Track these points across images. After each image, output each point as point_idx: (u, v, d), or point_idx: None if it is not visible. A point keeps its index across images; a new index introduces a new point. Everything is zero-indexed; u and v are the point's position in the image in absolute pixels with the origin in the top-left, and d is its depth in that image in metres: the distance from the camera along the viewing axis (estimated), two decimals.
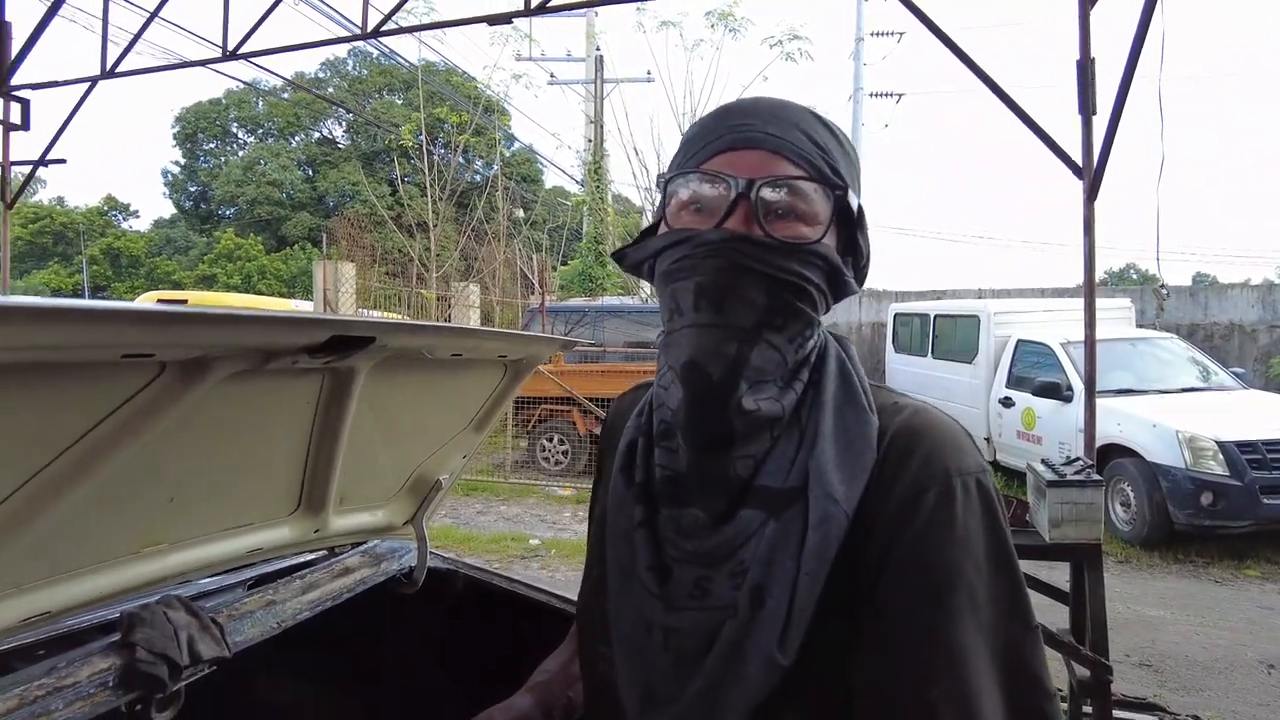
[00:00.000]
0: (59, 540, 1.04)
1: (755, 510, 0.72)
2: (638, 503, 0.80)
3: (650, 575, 0.76)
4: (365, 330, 1.06)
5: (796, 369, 0.76)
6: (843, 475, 0.71)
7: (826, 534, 0.68)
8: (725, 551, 0.72)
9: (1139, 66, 3.74)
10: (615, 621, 0.79)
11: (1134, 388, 7.57)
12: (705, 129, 0.78)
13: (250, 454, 1.27)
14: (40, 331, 0.70)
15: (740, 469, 0.74)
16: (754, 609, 0.68)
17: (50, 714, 1.03)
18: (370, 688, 1.99)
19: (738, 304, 0.72)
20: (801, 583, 0.68)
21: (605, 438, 1.00)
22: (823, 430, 0.74)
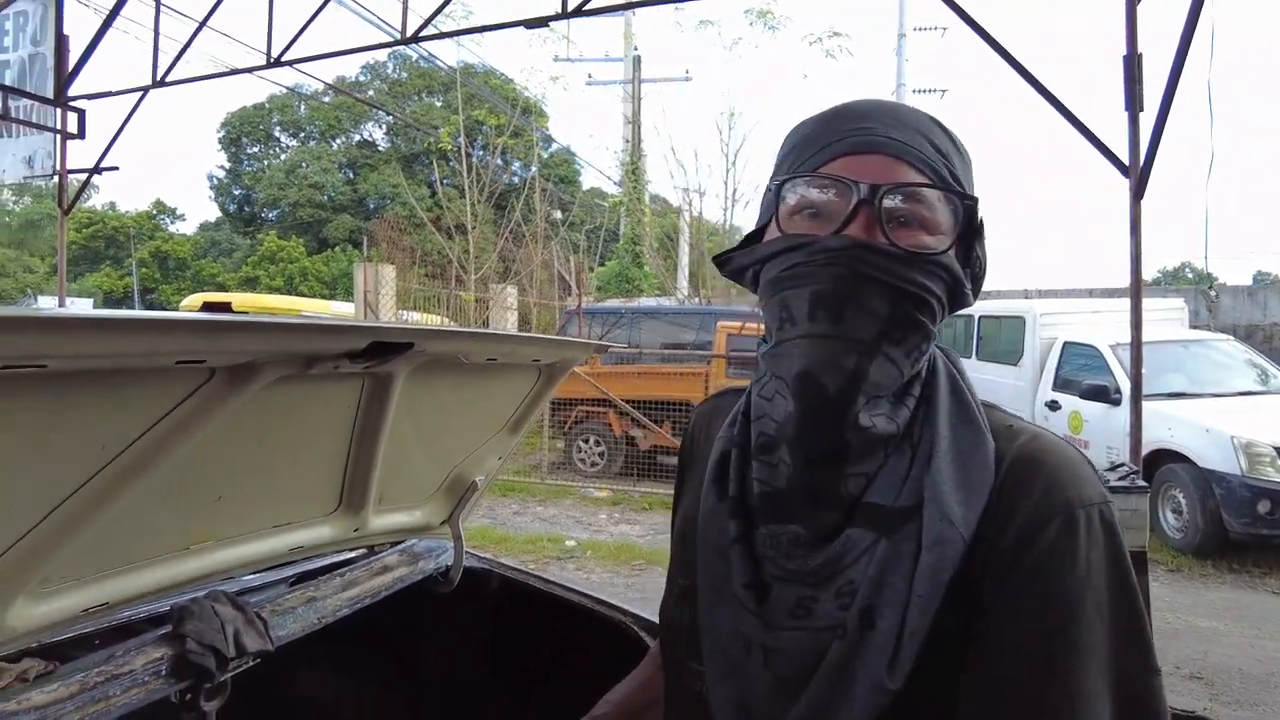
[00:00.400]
0: (116, 536, 1.09)
1: (864, 529, 0.69)
2: (732, 517, 0.77)
3: (747, 593, 0.73)
4: (403, 336, 1.09)
5: (910, 384, 0.73)
6: (960, 497, 0.68)
7: (941, 556, 0.66)
8: (830, 570, 0.70)
9: (1187, 60, 3.65)
10: (707, 636, 0.77)
11: (1186, 391, 7.36)
12: (819, 130, 0.75)
13: (293, 455, 1.32)
14: (104, 340, 0.75)
15: (851, 486, 0.71)
16: (863, 630, 0.66)
17: (108, 699, 1.08)
18: (405, 685, 2.04)
19: (859, 314, 0.69)
20: (914, 605, 0.65)
21: (688, 446, 0.98)
22: (939, 449, 0.71)
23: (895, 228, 0.70)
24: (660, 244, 18.91)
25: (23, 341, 0.67)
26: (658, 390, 9.41)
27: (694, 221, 17.68)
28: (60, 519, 0.96)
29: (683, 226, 18.58)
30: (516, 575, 1.93)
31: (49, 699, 1.03)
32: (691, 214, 17.57)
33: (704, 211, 17.38)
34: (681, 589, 0.84)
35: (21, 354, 0.68)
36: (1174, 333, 8.66)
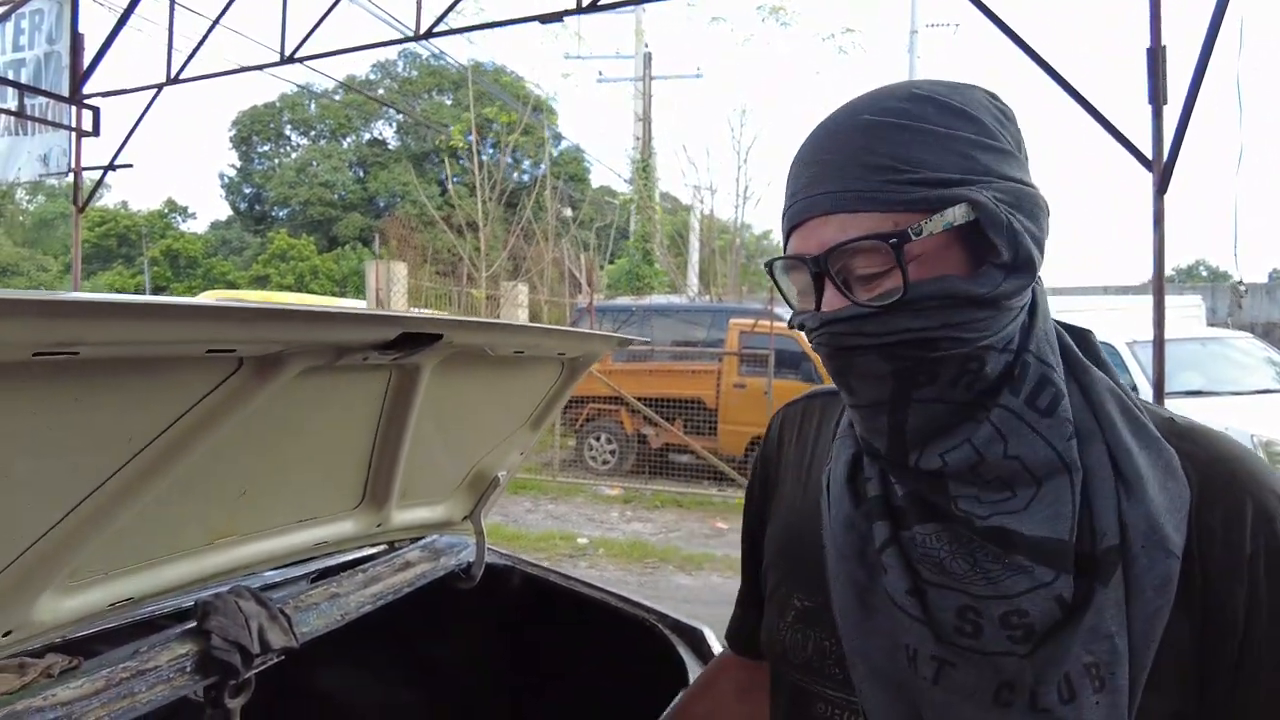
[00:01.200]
0: (142, 530, 1.08)
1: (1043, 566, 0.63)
2: (879, 519, 0.70)
3: (910, 600, 0.67)
4: (433, 327, 1.07)
5: (985, 396, 0.66)
6: (1173, 523, 0.63)
7: (1168, 596, 0.61)
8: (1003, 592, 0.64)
9: (1213, 52, 3.60)
10: (859, 657, 0.70)
11: (1205, 389, 7.30)
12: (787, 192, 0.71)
13: (318, 448, 1.30)
14: (137, 327, 0.73)
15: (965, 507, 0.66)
16: (1097, 690, 0.61)
17: (134, 696, 1.07)
18: (425, 681, 2.03)
19: (864, 384, 0.68)
20: (1138, 649, 0.61)
21: (771, 450, 0.92)
22: (1139, 473, 0.64)
23: (858, 286, 0.66)
24: (671, 241, 18.89)
25: (56, 327, 0.65)
26: (669, 388, 9.40)
27: (705, 219, 17.63)
28: (88, 511, 0.95)
29: (693, 224, 18.54)
30: (538, 571, 1.91)
31: (75, 695, 1.02)
32: (702, 211, 17.53)
33: (715, 209, 17.34)
34: (800, 611, 0.78)
35: (55, 340, 0.67)
36: (1192, 330, 8.59)
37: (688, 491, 8.82)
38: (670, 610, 1.80)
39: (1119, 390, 0.69)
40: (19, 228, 39.21)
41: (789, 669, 0.80)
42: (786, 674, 0.80)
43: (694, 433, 9.21)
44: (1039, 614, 0.62)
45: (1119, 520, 0.63)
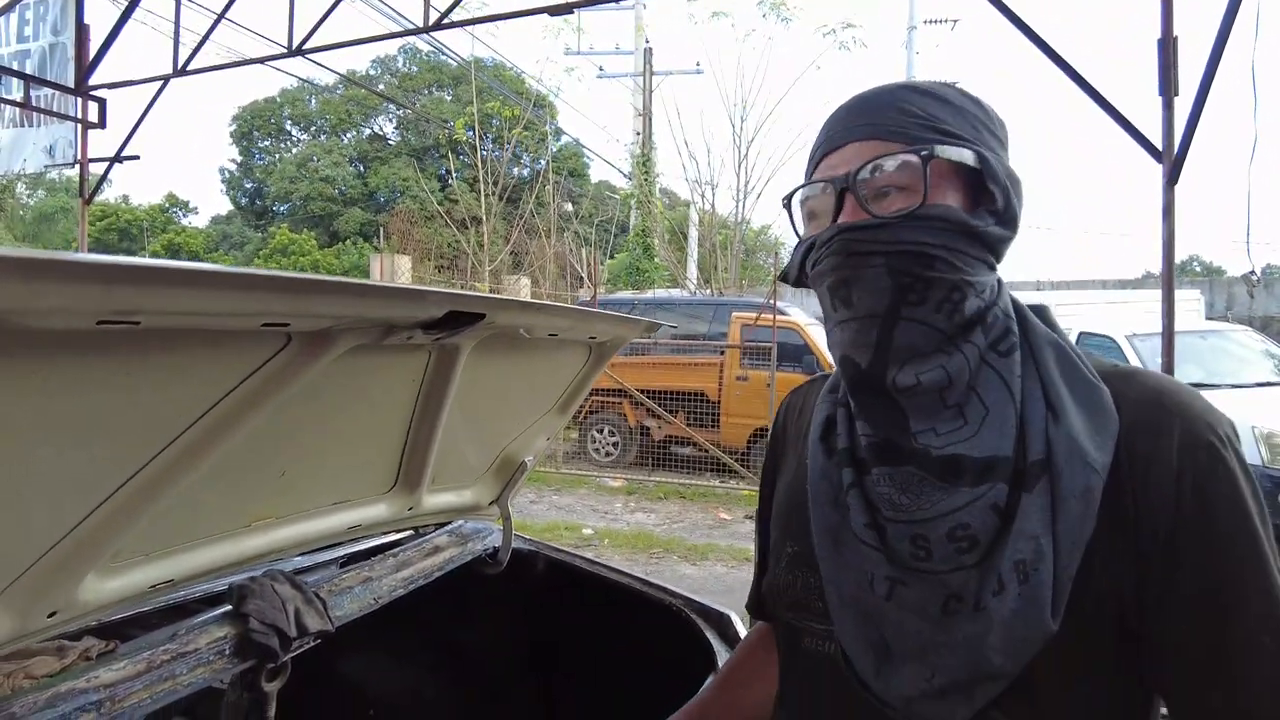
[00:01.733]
0: (183, 511, 1.07)
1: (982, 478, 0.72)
2: (844, 466, 0.81)
3: (870, 533, 0.77)
4: (477, 306, 1.06)
5: (961, 331, 0.75)
6: (1095, 444, 0.71)
7: (1088, 503, 0.70)
8: (942, 510, 0.73)
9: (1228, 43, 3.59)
10: (832, 585, 0.79)
11: (1205, 382, 7.29)
12: (814, 142, 0.82)
13: (357, 429, 1.29)
14: (197, 297, 0.72)
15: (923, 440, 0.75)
16: (1021, 583, 0.69)
17: (175, 678, 1.07)
18: (451, 665, 2.02)
19: (864, 293, 0.75)
20: (1063, 553, 0.69)
21: (779, 431, 1.03)
22: (1063, 400, 0.74)
23: (878, 201, 0.75)
24: (671, 236, 18.85)
25: (119, 294, 0.64)
26: (671, 381, 9.41)
27: (705, 214, 17.60)
28: (133, 491, 0.93)
29: (693, 218, 18.51)
30: (562, 556, 1.91)
31: (118, 676, 1.01)
32: (702, 206, 17.51)
33: (715, 204, 17.30)
34: (791, 555, 0.87)
35: (117, 308, 0.65)
36: (1191, 323, 8.59)
37: (690, 483, 8.83)
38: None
39: (1060, 342, 0.79)
40: (19, 222, 39.11)
41: (783, 610, 0.89)
42: (782, 615, 0.90)
43: (696, 425, 9.23)
44: (979, 524, 0.71)
45: (1046, 439, 0.72)
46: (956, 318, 0.75)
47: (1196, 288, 12.31)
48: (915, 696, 0.73)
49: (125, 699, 0.99)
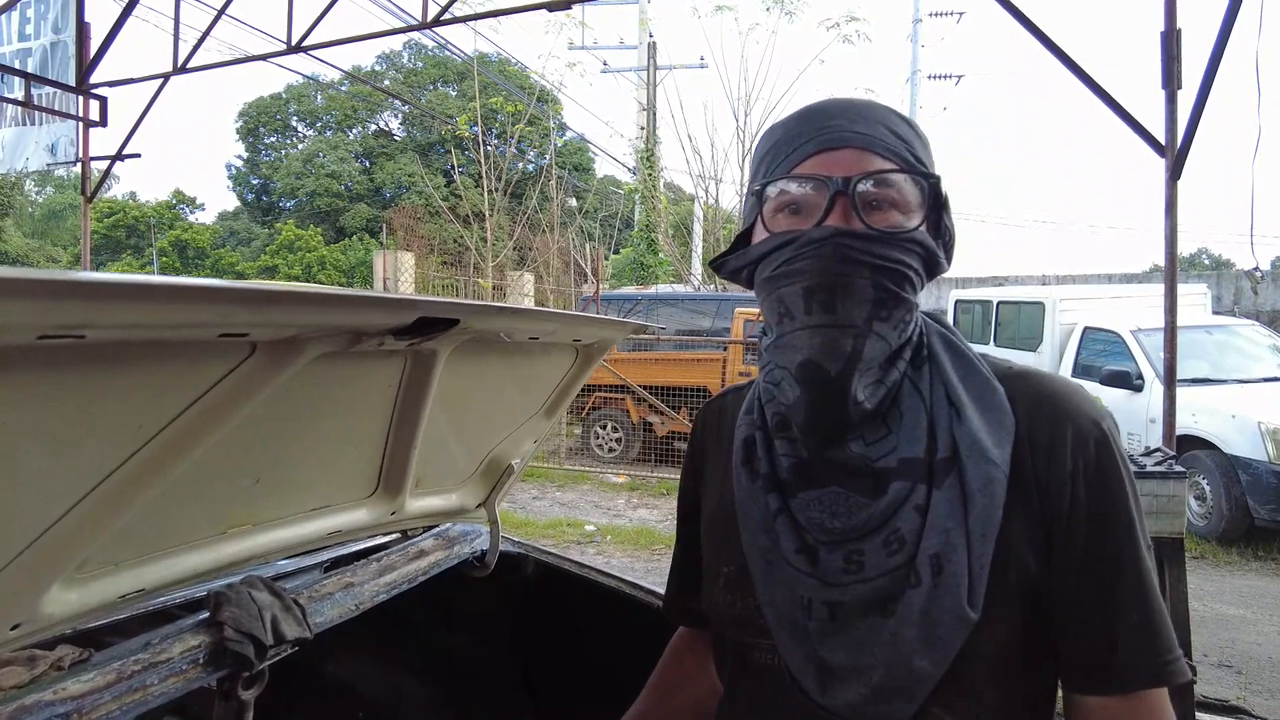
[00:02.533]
0: (153, 520, 1.05)
1: (904, 482, 0.77)
2: (769, 492, 0.83)
3: (800, 557, 0.79)
4: (449, 311, 1.05)
5: (899, 350, 0.80)
6: (994, 439, 0.77)
7: (993, 495, 0.75)
8: (875, 523, 0.77)
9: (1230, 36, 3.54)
10: (770, 608, 0.81)
11: (1211, 377, 7.25)
12: (790, 133, 0.82)
13: (332, 436, 1.28)
14: (147, 309, 0.70)
15: (861, 449, 0.79)
16: (935, 575, 0.73)
17: (146, 688, 1.05)
18: (438, 669, 2.01)
19: (849, 301, 0.76)
20: (976, 543, 0.73)
21: (698, 443, 1.04)
22: (962, 401, 0.79)
23: (869, 212, 0.77)
24: (675, 231, 18.82)
25: (62, 309, 0.63)
26: (674, 377, 9.40)
27: (709, 209, 17.56)
28: (97, 502, 0.92)
29: (697, 213, 18.47)
30: (551, 559, 1.90)
31: (85, 688, 1.00)
32: (706, 201, 17.46)
33: (719, 198, 17.26)
34: (728, 575, 0.89)
35: (60, 323, 0.64)
36: (1197, 318, 8.53)
37: None
38: None
39: (958, 345, 0.85)
40: (28, 219, 39.31)
41: (726, 627, 0.91)
42: (725, 632, 0.91)
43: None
44: (907, 526, 0.75)
45: (951, 438, 0.77)
46: (901, 337, 0.80)
47: (1204, 281, 12.23)
48: (859, 703, 0.76)
49: (93, 711, 0.98)
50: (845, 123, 0.79)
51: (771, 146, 0.84)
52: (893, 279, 0.77)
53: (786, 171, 0.80)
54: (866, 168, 0.77)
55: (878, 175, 0.77)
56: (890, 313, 0.78)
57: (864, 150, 0.78)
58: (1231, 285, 14.28)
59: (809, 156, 0.79)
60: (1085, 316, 8.57)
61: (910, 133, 0.82)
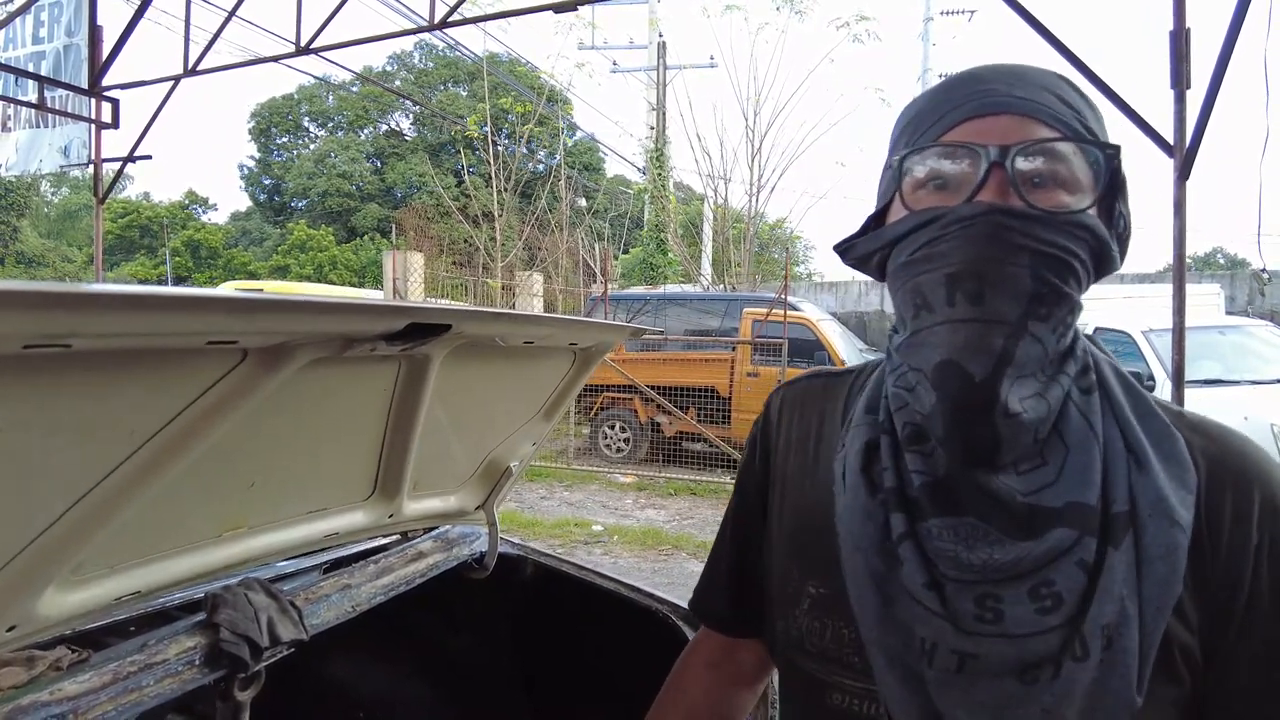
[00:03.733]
0: (147, 524, 1.07)
1: (1068, 529, 0.64)
2: (894, 510, 0.70)
3: (929, 594, 0.66)
4: (441, 317, 1.06)
5: (1060, 360, 0.68)
6: (1179, 498, 0.65)
7: (1175, 565, 0.63)
8: (1025, 568, 0.64)
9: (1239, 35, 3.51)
10: (879, 647, 0.69)
11: (1223, 378, 7.19)
12: (937, 100, 0.71)
13: (328, 440, 1.29)
14: (131, 319, 0.71)
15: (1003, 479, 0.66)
16: (1105, 650, 0.62)
17: (141, 689, 1.07)
18: (438, 671, 2.02)
19: (1001, 292, 0.64)
20: (1149, 618, 0.62)
21: (769, 431, 0.90)
22: (1144, 447, 0.67)
23: (1031, 189, 0.65)
24: (685, 231, 18.82)
25: (46, 319, 0.64)
26: (683, 377, 9.40)
27: (719, 208, 17.55)
28: (90, 506, 0.94)
29: (707, 213, 18.46)
30: (550, 561, 1.90)
31: (82, 689, 1.01)
32: (716, 201, 17.45)
33: (729, 198, 17.24)
34: (816, 598, 0.77)
35: (44, 333, 0.65)
36: (1210, 318, 8.47)
37: (701, 479, 8.82)
38: (683, 598, 1.78)
39: (1130, 380, 0.72)
40: (44, 220, 39.67)
41: (804, 658, 0.78)
42: (801, 663, 0.78)
43: (707, 421, 9.22)
44: (1066, 583, 0.63)
45: (1129, 489, 0.65)
46: (1062, 342, 0.68)
47: (1217, 281, 12.12)
48: None
49: (89, 711, 1.00)
50: (1003, 87, 0.68)
51: (914, 116, 0.73)
52: (1056, 269, 0.65)
53: (932, 140, 0.69)
54: (1028, 136, 0.65)
55: (1041, 145, 0.65)
56: (1050, 310, 0.65)
57: (1026, 117, 0.66)
58: (1245, 285, 14.15)
59: (958, 124, 0.68)
60: (1096, 317, 8.52)
61: (1081, 101, 0.69)
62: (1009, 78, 0.69)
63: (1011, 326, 0.64)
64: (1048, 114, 0.67)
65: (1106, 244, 0.68)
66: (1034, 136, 0.66)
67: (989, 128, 0.66)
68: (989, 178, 0.65)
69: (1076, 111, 0.68)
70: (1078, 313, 0.69)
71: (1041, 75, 0.70)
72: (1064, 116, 0.67)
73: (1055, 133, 0.66)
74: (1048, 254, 0.64)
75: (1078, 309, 0.68)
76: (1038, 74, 0.70)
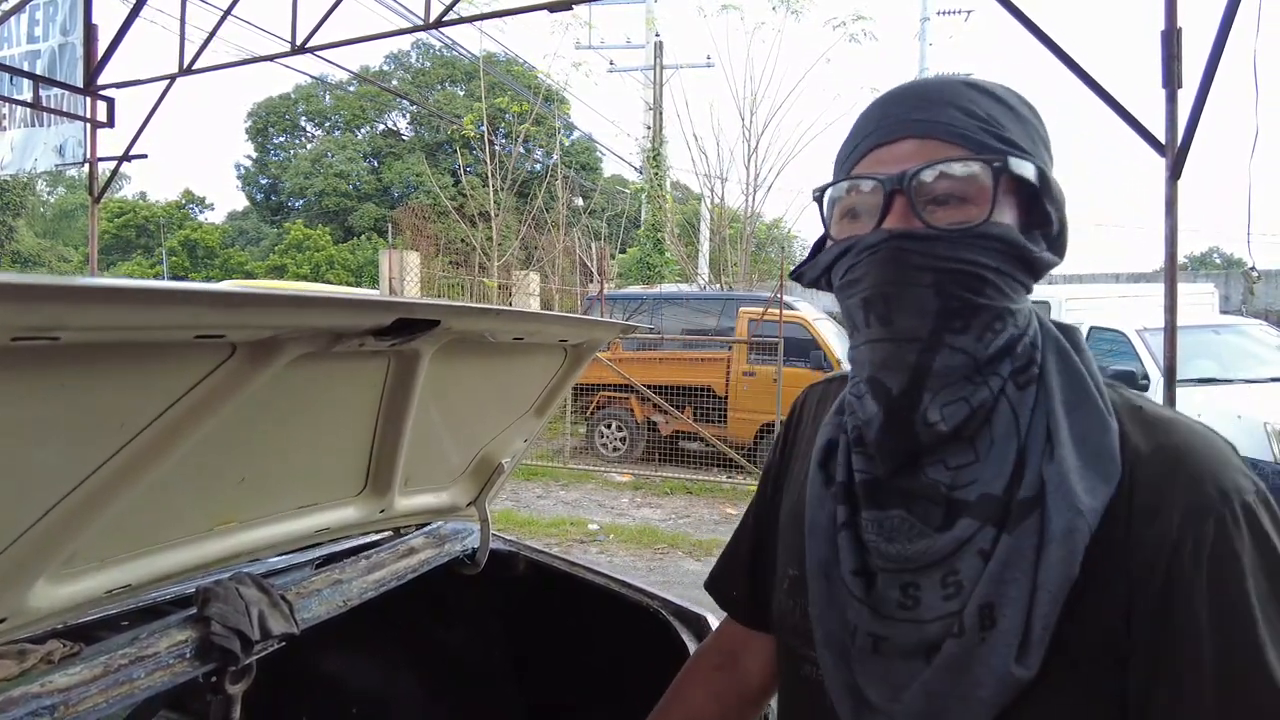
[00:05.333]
0: (137, 517, 1.08)
1: (974, 519, 0.68)
2: (839, 503, 0.77)
3: (856, 580, 0.73)
4: (429, 313, 1.06)
5: (990, 362, 0.70)
6: (1086, 486, 0.66)
7: (1073, 549, 0.64)
8: (934, 558, 0.69)
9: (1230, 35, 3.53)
10: (819, 625, 0.76)
11: (1217, 377, 7.22)
12: (854, 130, 0.76)
13: (318, 435, 1.30)
14: (118, 311, 0.72)
15: (935, 475, 0.70)
16: (983, 629, 0.65)
17: (132, 682, 1.07)
18: (430, 667, 2.03)
19: (907, 312, 0.69)
20: (1040, 600, 0.64)
21: (792, 427, 0.97)
22: (1060, 437, 0.68)
23: (935, 209, 0.68)
24: (682, 230, 18.84)
25: (33, 311, 0.65)
26: (679, 376, 9.43)
27: (715, 208, 17.57)
28: (81, 499, 0.94)
29: (704, 213, 18.48)
30: (542, 558, 1.91)
31: (72, 681, 1.02)
32: (713, 200, 17.48)
33: (725, 198, 17.26)
34: (791, 579, 0.84)
35: (31, 325, 0.66)
36: (1205, 317, 8.50)
37: (697, 478, 8.84)
38: (678, 595, 1.79)
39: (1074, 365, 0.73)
40: (40, 219, 39.60)
41: (785, 634, 0.86)
42: (785, 639, 0.86)
43: (704, 420, 9.24)
44: (967, 570, 0.67)
45: (1040, 476, 0.68)
46: (991, 348, 0.70)
47: (1212, 280, 12.16)
48: None
49: (80, 704, 1.00)
50: (903, 111, 0.71)
51: (842, 145, 0.77)
52: (963, 283, 0.68)
53: (845, 173, 0.74)
54: (928, 158, 0.68)
55: (933, 166, 0.68)
56: (967, 322, 0.68)
57: (924, 138, 0.69)
58: (1240, 284, 14.20)
59: (866, 154, 0.72)
60: (1091, 316, 8.56)
61: (997, 108, 0.71)
62: (912, 100, 0.72)
63: (924, 342, 0.69)
64: (947, 131, 0.69)
65: (1022, 246, 0.69)
66: (933, 158, 0.68)
67: (889, 155, 0.70)
68: (892, 204, 0.69)
69: (985, 121, 0.70)
70: (1009, 317, 0.71)
71: (948, 89, 0.72)
72: (966, 129, 0.69)
73: (958, 149, 0.69)
74: (952, 269, 0.68)
75: (1008, 314, 0.70)
76: (944, 89, 0.72)
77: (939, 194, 0.68)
